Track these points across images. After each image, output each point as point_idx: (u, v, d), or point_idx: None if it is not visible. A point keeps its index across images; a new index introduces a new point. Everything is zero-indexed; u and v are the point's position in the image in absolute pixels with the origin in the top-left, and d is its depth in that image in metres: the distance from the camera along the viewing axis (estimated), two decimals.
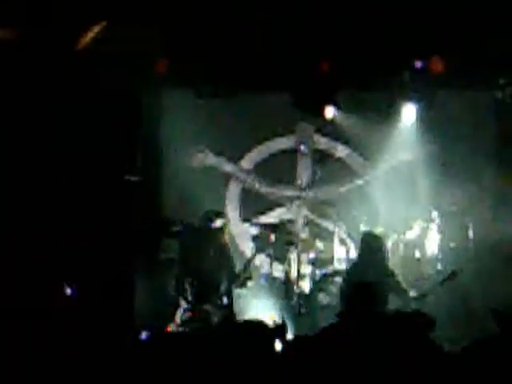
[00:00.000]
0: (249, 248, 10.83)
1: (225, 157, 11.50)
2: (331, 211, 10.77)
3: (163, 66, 10.40)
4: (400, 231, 10.27)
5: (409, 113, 10.98)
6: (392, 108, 10.99)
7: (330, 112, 11.02)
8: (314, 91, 10.76)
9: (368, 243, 8.94)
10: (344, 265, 10.12)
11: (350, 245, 10.31)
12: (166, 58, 10.35)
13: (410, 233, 10.29)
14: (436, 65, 10.38)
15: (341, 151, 11.57)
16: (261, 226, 10.42)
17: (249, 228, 10.82)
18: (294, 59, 10.33)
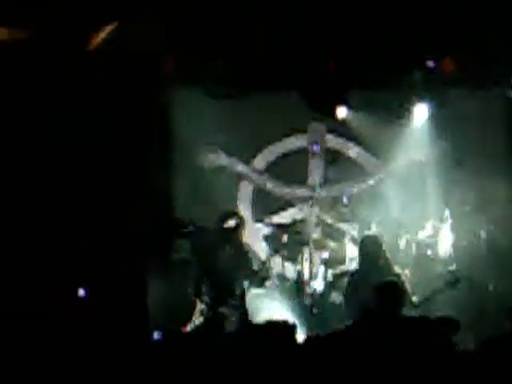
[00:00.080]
0: (261, 248, 10.85)
1: (237, 157, 11.51)
2: (343, 211, 10.78)
3: (170, 65, 10.42)
4: (412, 231, 10.27)
5: (420, 112, 10.97)
6: (403, 107, 11.00)
7: (342, 112, 11.02)
8: (326, 91, 10.78)
9: (367, 246, 8.94)
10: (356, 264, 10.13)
11: None
12: (175, 58, 10.38)
13: (423, 232, 10.27)
14: (447, 64, 10.39)
15: (353, 151, 11.55)
16: (273, 226, 10.44)
17: (261, 228, 10.85)
18: (306, 59, 10.35)
